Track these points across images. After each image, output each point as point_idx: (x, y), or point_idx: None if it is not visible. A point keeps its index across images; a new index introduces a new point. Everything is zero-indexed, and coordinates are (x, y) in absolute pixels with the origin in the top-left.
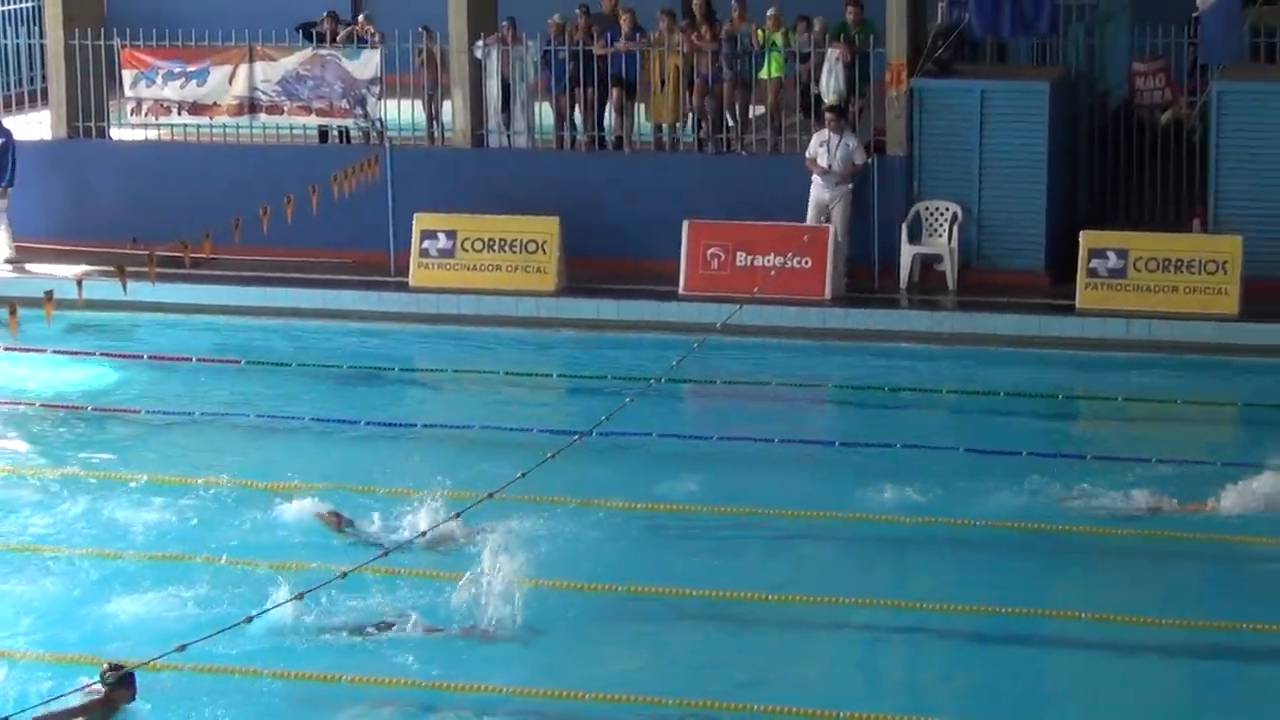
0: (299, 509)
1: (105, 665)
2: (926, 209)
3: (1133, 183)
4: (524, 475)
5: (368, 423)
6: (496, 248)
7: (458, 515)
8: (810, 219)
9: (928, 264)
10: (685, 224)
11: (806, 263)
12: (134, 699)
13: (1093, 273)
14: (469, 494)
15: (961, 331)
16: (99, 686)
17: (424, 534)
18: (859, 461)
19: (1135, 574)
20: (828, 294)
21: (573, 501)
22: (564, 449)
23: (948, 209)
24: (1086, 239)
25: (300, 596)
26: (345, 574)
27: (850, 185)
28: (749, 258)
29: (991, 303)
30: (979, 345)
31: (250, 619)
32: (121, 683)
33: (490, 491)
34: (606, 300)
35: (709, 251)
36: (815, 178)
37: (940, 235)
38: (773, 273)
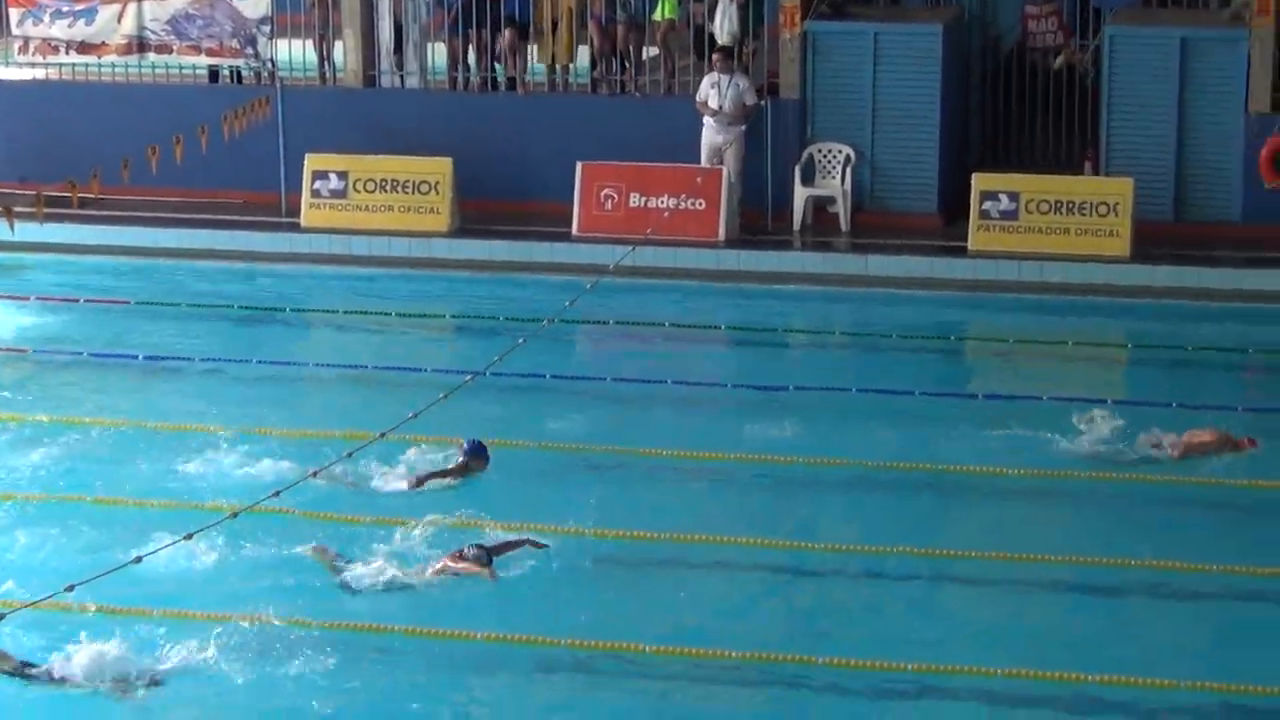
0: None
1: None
2: (820, 151)
3: (1025, 125)
4: (416, 415)
5: (259, 362)
6: (389, 188)
7: (350, 454)
8: (704, 161)
9: (821, 206)
10: (579, 165)
11: (700, 204)
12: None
13: (985, 214)
14: (361, 434)
15: (854, 273)
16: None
17: (314, 474)
18: (752, 402)
19: (1027, 512)
20: (721, 235)
21: (466, 442)
22: (456, 389)
23: (841, 151)
24: (979, 181)
25: (189, 537)
26: (236, 514)
27: (743, 127)
28: (643, 199)
29: (884, 245)
30: (871, 287)
31: (139, 559)
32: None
33: (382, 431)
34: (499, 241)
35: (603, 193)
36: (707, 120)
37: (833, 177)
38: (666, 214)
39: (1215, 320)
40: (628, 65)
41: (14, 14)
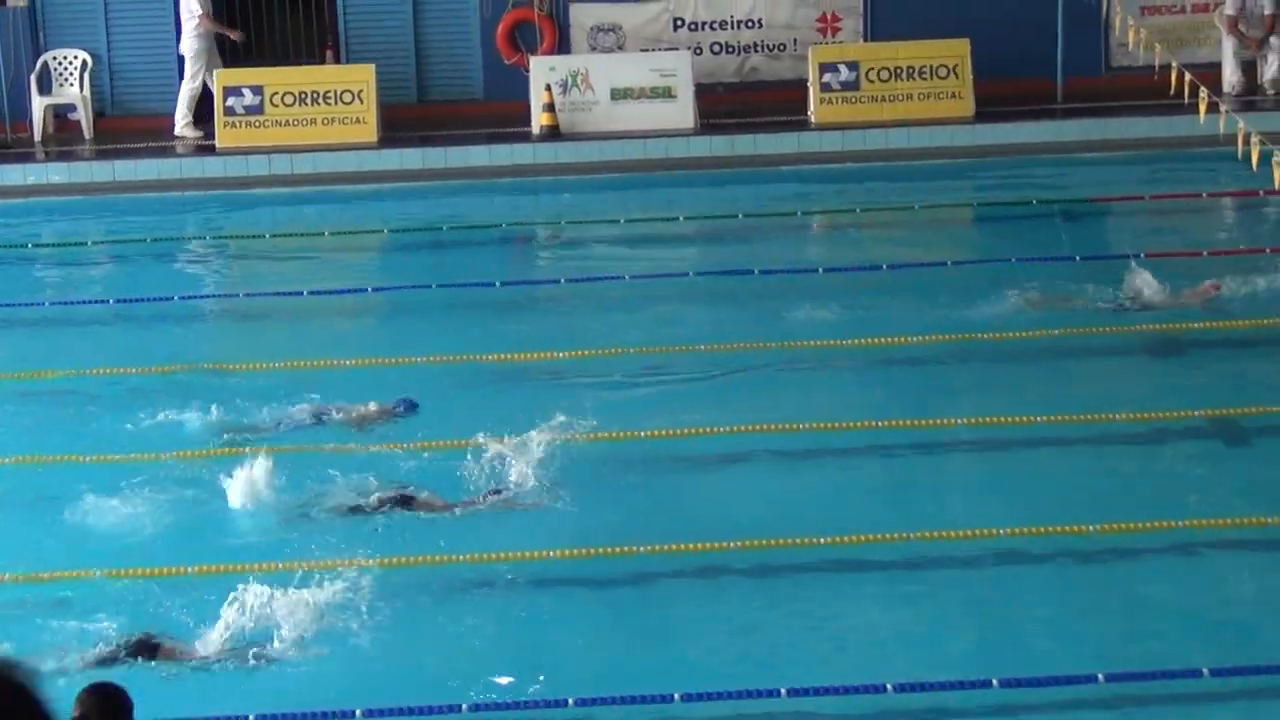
0: None
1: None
2: (55, 59)
3: (264, 21)
4: None
5: None
6: None
7: None
8: None
9: (61, 115)
10: None
11: None
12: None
13: (230, 111)
14: None
15: (102, 180)
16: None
17: None
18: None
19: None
20: None
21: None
22: None
23: (77, 58)
24: (220, 78)
25: None
26: None
27: None
28: None
29: (130, 149)
30: (122, 193)
31: None
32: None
33: None
34: None
35: None
36: None
37: (71, 85)
38: None
39: (467, 195)
40: None
41: None
